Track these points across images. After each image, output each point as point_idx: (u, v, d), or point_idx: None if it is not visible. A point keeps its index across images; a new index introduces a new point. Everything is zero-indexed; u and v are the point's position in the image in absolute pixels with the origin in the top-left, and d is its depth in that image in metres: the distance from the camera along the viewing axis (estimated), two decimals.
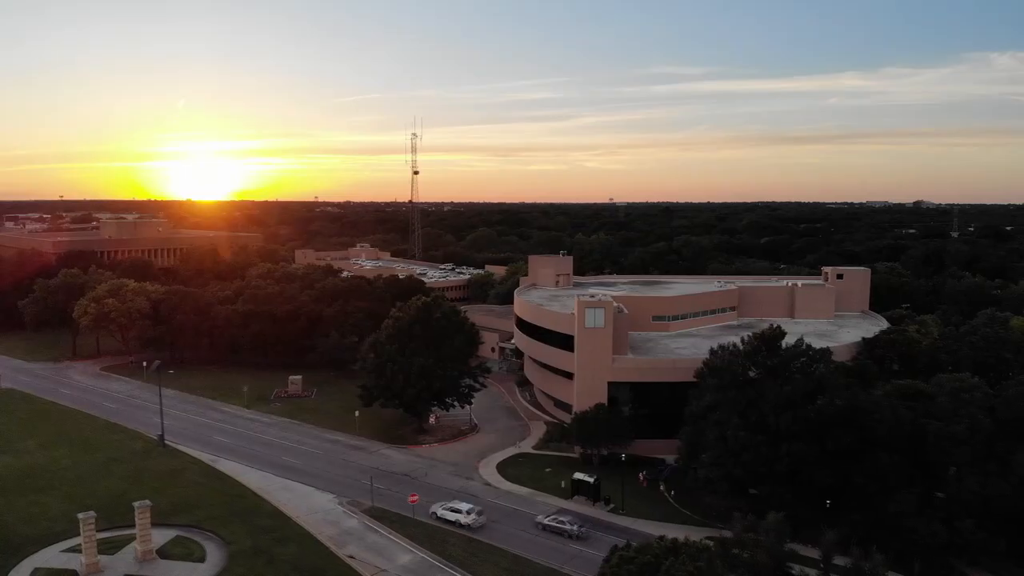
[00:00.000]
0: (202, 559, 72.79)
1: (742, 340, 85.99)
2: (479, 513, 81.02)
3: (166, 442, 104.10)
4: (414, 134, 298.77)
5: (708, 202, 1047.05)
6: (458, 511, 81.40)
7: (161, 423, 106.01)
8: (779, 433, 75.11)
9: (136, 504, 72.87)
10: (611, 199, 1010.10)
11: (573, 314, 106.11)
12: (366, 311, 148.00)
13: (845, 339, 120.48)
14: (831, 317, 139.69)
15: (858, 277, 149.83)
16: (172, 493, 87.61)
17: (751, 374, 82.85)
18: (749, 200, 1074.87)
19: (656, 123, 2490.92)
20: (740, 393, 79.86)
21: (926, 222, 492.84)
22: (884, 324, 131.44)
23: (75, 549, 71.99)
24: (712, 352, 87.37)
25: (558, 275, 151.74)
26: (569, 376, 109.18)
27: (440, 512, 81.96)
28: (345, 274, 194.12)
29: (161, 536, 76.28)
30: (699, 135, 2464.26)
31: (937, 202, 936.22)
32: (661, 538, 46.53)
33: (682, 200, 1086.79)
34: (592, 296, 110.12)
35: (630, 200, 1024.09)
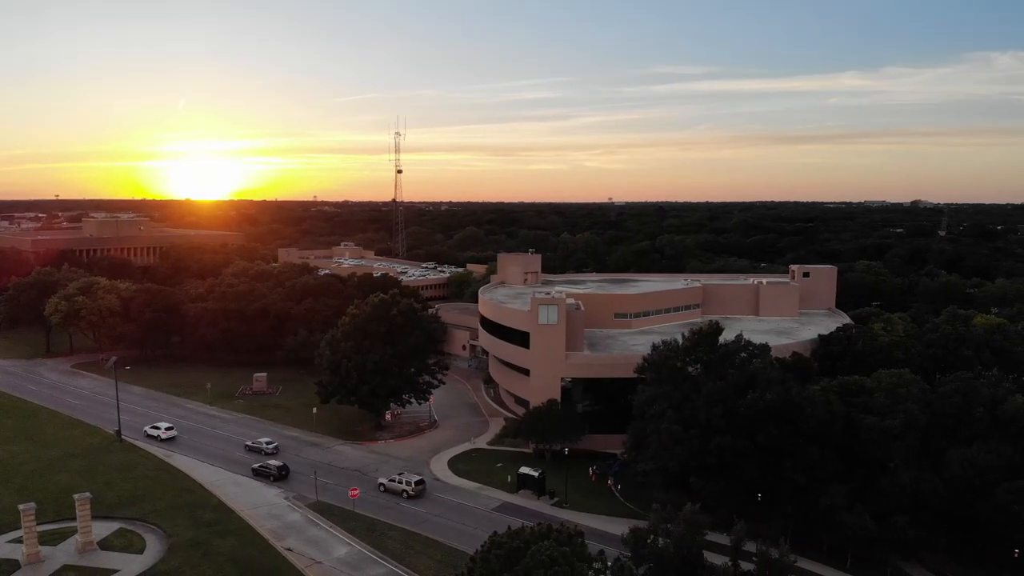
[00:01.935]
0: (141, 550, 73.87)
1: (682, 336, 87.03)
2: (171, 428, 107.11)
3: (123, 438, 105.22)
4: (397, 133, 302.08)
5: (707, 202, 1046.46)
6: (158, 428, 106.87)
7: (118, 419, 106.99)
8: (710, 427, 76.10)
9: (76, 496, 74.20)
10: (610, 199, 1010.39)
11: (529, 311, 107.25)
12: (336, 309, 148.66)
13: (804, 336, 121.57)
14: (795, 315, 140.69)
15: (824, 275, 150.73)
16: (122, 487, 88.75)
17: (690, 369, 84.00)
18: (748, 200, 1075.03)
19: (656, 123, 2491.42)
20: (675, 388, 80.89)
21: (919, 222, 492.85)
22: (847, 321, 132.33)
23: (20, 540, 72.84)
24: (653, 347, 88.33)
25: (526, 273, 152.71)
26: (527, 372, 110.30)
27: (149, 431, 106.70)
28: (322, 272, 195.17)
29: (105, 528, 77.55)
30: (699, 135, 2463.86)
31: (936, 202, 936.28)
32: (539, 524, 47.59)
33: (681, 200, 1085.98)
34: (547, 294, 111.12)
35: (630, 200, 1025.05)
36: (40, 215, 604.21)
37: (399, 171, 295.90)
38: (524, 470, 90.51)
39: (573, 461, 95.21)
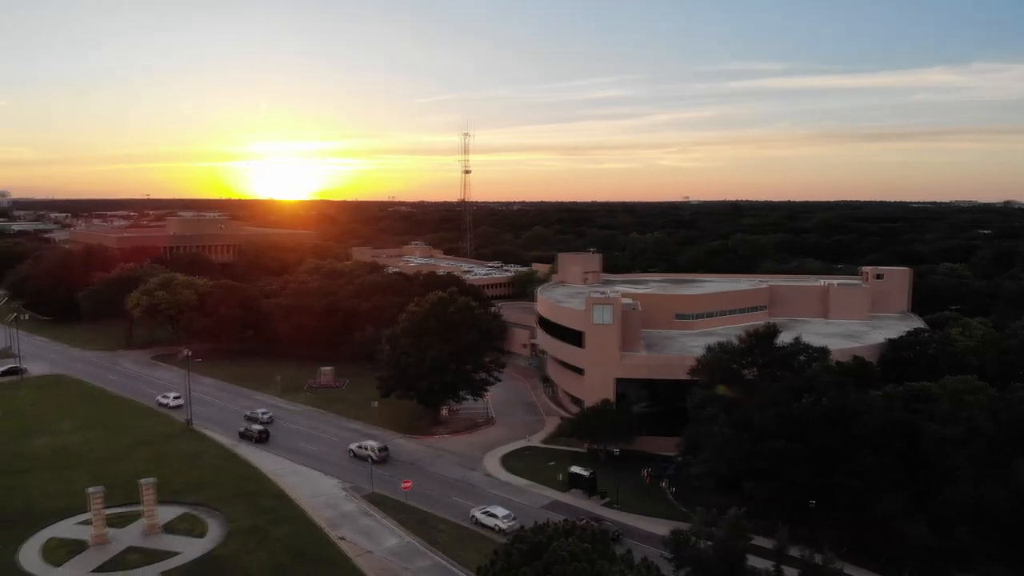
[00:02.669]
0: (202, 535, 77.05)
1: (738, 338, 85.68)
2: (179, 397, 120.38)
3: (193, 426, 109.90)
4: (466, 134, 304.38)
5: (787, 201, 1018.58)
6: (167, 396, 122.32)
7: (188, 408, 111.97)
8: (763, 430, 74.64)
9: (142, 481, 77.96)
10: (686, 197, 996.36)
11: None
12: (401, 306, 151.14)
13: (873, 340, 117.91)
14: (866, 318, 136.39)
15: (899, 277, 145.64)
16: (189, 473, 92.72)
17: (745, 372, 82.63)
18: (830, 199, 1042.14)
19: (733, 120, 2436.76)
20: (728, 390, 79.67)
21: (1010, 223, 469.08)
22: (920, 325, 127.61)
23: (89, 522, 76.97)
24: (708, 349, 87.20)
25: (586, 272, 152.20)
26: (582, 372, 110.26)
27: (160, 399, 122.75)
28: (391, 270, 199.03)
29: (170, 512, 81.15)
30: (778, 132, 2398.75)
31: None
32: (565, 520, 47.71)
33: (761, 199, 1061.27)
34: (603, 293, 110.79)
35: (706, 199, 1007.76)
36: (131, 213, 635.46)
37: (467, 172, 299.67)
38: (575, 469, 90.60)
39: (629, 463, 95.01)
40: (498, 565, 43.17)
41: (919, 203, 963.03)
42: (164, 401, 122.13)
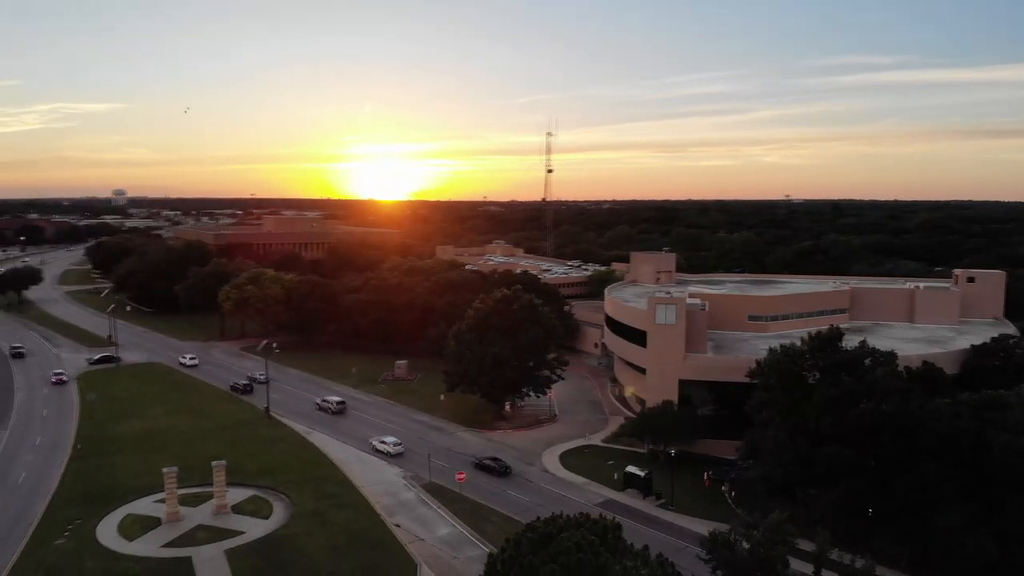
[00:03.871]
0: (267, 516, 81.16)
1: (802, 340, 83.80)
2: (194, 358, 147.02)
3: (271, 414, 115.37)
4: (549, 133, 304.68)
5: (894, 200, 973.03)
6: (184, 357, 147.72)
7: (267, 397, 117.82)
8: (819, 435, 73.01)
9: (214, 463, 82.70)
10: (787, 196, 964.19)
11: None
12: (473, 303, 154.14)
13: (958, 345, 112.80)
14: (955, 322, 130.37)
15: (992, 281, 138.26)
16: (262, 458, 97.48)
17: (805, 374, 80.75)
18: (940, 198, 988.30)
19: (840, 116, 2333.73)
20: (786, 393, 78.17)
21: None
22: (1011, 332, 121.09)
23: (164, 500, 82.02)
24: (770, 351, 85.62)
25: (658, 272, 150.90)
26: (646, 372, 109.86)
27: (179, 359, 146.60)
28: (469, 268, 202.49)
29: (240, 494, 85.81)
30: (888, 128, 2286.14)
31: None
32: (578, 513, 48.18)
33: (868, 198, 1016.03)
34: (668, 293, 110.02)
35: (809, 197, 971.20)
36: (237, 212, 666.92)
37: (549, 171, 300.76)
38: (631, 469, 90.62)
39: (691, 464, 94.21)
40: (507, 552, 44.40)
41: None
42: (183, 360, 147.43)
